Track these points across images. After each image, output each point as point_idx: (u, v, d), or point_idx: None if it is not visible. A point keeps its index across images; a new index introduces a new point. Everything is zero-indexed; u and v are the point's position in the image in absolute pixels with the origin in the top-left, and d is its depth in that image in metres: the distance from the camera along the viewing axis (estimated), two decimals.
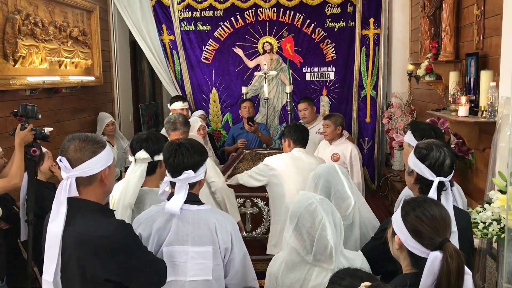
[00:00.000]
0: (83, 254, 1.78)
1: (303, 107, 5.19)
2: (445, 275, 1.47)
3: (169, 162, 2.11)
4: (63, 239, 1.77)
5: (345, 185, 2.41)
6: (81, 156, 1.82)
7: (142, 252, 1.93)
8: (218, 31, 6.12)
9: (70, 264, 1.79)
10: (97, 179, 1.86)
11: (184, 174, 2.07)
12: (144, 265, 1.91)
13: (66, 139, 1.87)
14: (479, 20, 3.36)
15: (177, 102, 5.06)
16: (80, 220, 1.80)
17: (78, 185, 1.82)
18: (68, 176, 1.81)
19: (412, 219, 1.61)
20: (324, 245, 1.90)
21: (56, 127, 4.72)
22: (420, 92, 5.33)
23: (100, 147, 1.87)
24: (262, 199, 3.34)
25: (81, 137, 1.85)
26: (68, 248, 1.78)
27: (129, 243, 1.85)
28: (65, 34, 4.82)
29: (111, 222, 1.86)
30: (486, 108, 2.96)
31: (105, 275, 1.79)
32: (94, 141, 1.86)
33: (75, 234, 1.78)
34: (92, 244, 1.77)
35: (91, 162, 1.82)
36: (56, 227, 1.78)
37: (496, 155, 2.76)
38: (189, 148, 2.11)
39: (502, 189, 2.21)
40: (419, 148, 2.15)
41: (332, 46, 6.07)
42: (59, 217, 1.78)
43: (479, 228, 2.18)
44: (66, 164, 1.80)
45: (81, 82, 5.10)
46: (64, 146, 1.84)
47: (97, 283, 1.80)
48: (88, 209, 1.84)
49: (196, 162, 2.11)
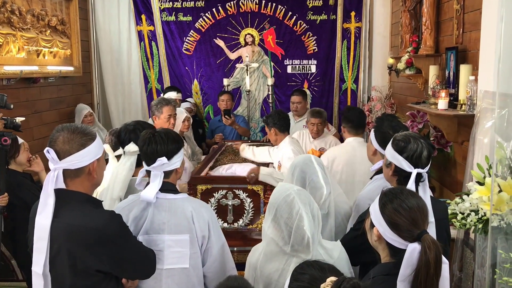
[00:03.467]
0: (74, 245, 1.76)
1: (297, 100, 5.20)
2: (423, 266, 1.49)
3: (143, 150, 2.13)
4: (52, 230, 1.75)
5: (319, 175, 2.45)
6: (69, 148, 1.79)
7: (132, 242, 1.93)
8: (199, 22, 6.08)
9: (59, 255, 1.77)
10: (84, 172, 1.84)
11: (157, 161, 2.08)
12: (134, 254, 1.91)
13: (55, 129, 1.83)
14: (459, 15, 3.40)
15: (171, 92, 5.07)
16: (69, 211, 1.78)
17: (65, 177, 1.80)
18: (55, 168, 1.78)
19: (390, 211, 1.62)
20: (302, 236, 1.91)
21: (34, 118, 4.64)
22: (400, 85, 5.38)
23: (89, 140, 1.84)
24: (244, 190, 3.34)
25: (71, 128, 1.82)
26: (57, 239, 1.76)
27: (120, 233, 1.85)
28: (43, 23, 4.72)
29: (101, 212, 1.85)
30: (465, 101, 3.02)
31: (96, 265, 1.79)
32: (83, 133, 1.83)
33: (65, 225, 1.76)
34: (82, 235, 1.76)
35: (79, 155, 1.80)
36: (44, 219, 1.75)
37: (475, 148, 2.81)
38: (163, 136, 2.13)
39: (480, 181, 2.25)
40: (397, 140, 2.18)
41: (314, 39, 6.09)
42: (47, 209, 1.75)
43: (458, 219, 2.22)
44: (54, 156, 1.77)
45: (59, 72, 5.01)
46: (52, 136, 1.81)
47: (88, 274, 1.79)
48: (77, 200, 1.82)
49: (171, 150, 2.12)
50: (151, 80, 6.24)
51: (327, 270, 1.42)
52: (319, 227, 1.99)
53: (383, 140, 2.55)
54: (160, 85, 6.20)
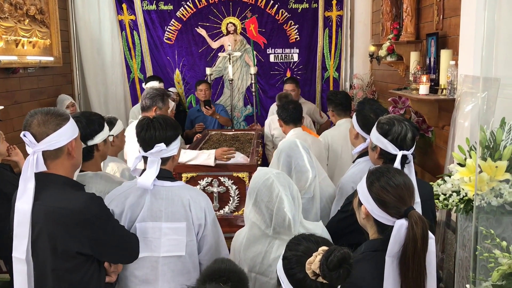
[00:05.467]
0: (54, 227, 1.76)
1: (290, 88, 5.21)
2: (411, 241, 1.53)
3: (141, 136, 2.10)
4: (32, 214, 1.75)
5: (304, 159, 2.48)
6: (46, 129, 1.79)
7: (113, 225, 1.93)
8: (180, 11, 6.04)
9: (40, 239, 1.78)
10: (64, 151, 1.84)
11: (156, 147, 2.07)
12: (115, 238, 1.92)
13: (28, 114, 1.83)
14: (439, 1, 3.45)
15: (153, 82, 5.01)
16: (48, 194, 1.78)
17: (45, 159, 1.80)
18: (34, 150, 1.78)
19: (377, 189, 1.65)
20: (283, 218, 1.94)
21: (14, 109, 4.57)
22: (381, 73, 5.44)
23: (64, 119, 1.84)
24: (229, 178, 3.35)
25: (43, 111, 1.82)
26: (37, 223, 1.76)
27: (100, 215, 1.84)
28: (22, 12, 4.63)
29: (81, 195, 1.85)
30: (446, 86, 3.07)
31: (76, 248, 1.79)
32: (57, 114, 1.84)
33: (45, 208, 1.76)
34: (62, 217, 1.76)
35: (57, 135, 1.80)
36: (25, 203, 1.75)
37: (455, 132, 2.88)
38: (162, 122, 2.11)
39: (461, 163, 2.31)
40: (381, 123, 2.22)
41: (296, 28, 6.10)
42: (27, 193, 1.75)
43: (440, 199, 2.28)
44: (31, 139, 1.77)
45: (39, 62, 4.93)
46: (27, 121, 1.81)
47: (68, 256, 1.80)
48: (57, 182, 1.82)
49: (169, 137, 2.11)
50: (134, 70, 6.19)
51: (321, 243, 1.45)
52: (299, 208, 2.02)
53: (365, 124, 2.60)
54: (142, 75, 6.15)
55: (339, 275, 1.33)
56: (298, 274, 1.42)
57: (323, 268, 1.33)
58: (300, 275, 1.41)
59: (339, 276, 1.33)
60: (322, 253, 1.36)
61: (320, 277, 1.35)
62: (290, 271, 1.44)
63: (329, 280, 1.34)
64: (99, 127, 2.45)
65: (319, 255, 1.36)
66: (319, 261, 1.35)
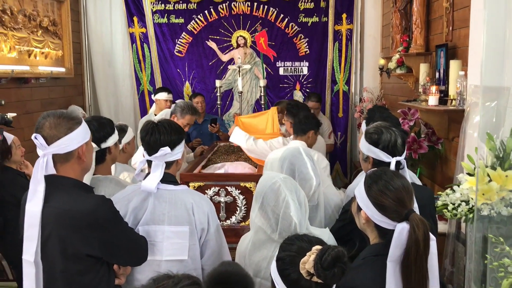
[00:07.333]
0: (64, 230, 1.76)
1: (316, 106, 5.22)
2: (413, 245, 1.50)
3: (146, 139, 2.11)
4: (42, 216, 1.75)
5: (308, 166, 2.45)
6: (57, 132, 1.79)
7: (123, 228, 1.93)
8: (191, 24, 6.09)
9: (50, 241, 1.77)
10: (74, 155, 1.84)
11: (160, 151, 2.07)
12: (125, 240, 1.91)
13: (41, 116, 1.84)
14: (448, 13, 3.45)
15: (162, 93, 5.06)
16: (59, 196, 1.78)
17: (55, 162, 1.80)
18: (44, 153, 1.78)
19: (376, 193, 1.63)
20: (289, 222, 1.93)
21: (25, 118, 4.61)
22: (391, 86, 5.43)
23: (76, 123, 1.84)
24: (236, 187, 3.33)
25: (56, 114, 1.83)
26: (47, 225, 1.76)
27: (110, 218, 1.84)
28: (35, 23, 4.71)
29: (91, 197, 1.85)
30: (455, 96, 3.05)
31: (86, 250, 1.79)
32: (69, 117, 1.84)
33: (55, 210, 1.76)
34: (72, 220, 1.75)
35: (67, 138, 1.80)
36: (35, 206, 1.75)
37: (465, 143, 2.84)
38: (166, 126, 2.12)
39: (470, 172, 2.27)
40: (369, 133, 2.21)
41: (306, 41, 6.12)
42: (37, 196, 1.75)
43: (449, 209, 2.24)
44: (42, 141, 1.77)
45: (51, 73, 5.00)
46: (39, 123, 1.81)
47: (78, 259, 1.79)
48: (67, 185, 1.82)
49: (173, 141, 2.11)
50: (143, 82, 6.24)
51: (315, 243, 1.43)
52: (306, 214, 2.01)
53: None
54: (152, 87, 6.19)
55: (334, 274, 1.31)
56: (292, 274, 1.40)
57: (317, 267, 1.31)
58: (294, 276, 1.39)
59: (333, 275, 1.31)
60: (316, 252, 1.34)
61: (315, 276, 1.33)
62: (284, 272, 1.42)
63: (323, 279, 1.32)
64: (110, 129, 2.49)
65: (313, 254, 1.34)
66: (313, 260, 1.33)
